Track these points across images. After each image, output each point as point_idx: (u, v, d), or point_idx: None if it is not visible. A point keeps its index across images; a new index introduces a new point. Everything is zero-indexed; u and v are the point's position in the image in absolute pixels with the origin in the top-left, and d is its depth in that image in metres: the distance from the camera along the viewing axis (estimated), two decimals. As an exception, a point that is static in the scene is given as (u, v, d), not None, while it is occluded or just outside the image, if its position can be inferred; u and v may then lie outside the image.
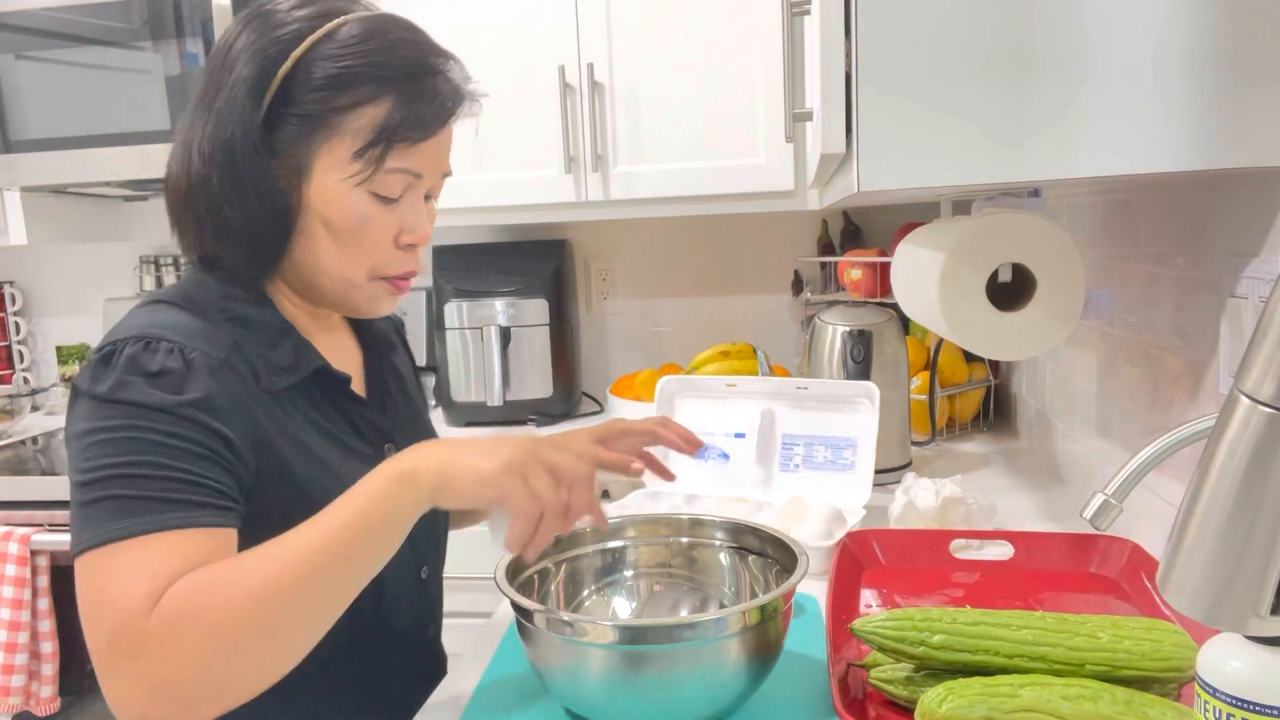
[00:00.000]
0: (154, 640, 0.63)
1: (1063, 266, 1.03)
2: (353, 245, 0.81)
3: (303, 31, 0.77)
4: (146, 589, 0.64)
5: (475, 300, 2.05)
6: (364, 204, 0.80)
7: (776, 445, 1.37)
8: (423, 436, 0.98)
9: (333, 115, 0.77)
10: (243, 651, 0.64)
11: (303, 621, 0.67)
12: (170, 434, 0.70)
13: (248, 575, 0.65)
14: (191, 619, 0.64)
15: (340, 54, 0.77)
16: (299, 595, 0.66)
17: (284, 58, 0.76)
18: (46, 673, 1.79)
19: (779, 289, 2.28)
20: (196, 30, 1.92)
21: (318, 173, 0.78)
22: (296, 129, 0.77)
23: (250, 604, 0.64)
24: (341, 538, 0.67)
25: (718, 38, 1.86)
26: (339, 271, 0.82)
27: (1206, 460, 0.48)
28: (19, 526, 1.77)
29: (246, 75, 0.77)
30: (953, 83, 0.77)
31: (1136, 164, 0.77)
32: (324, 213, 0.79)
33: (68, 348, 2.54)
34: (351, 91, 0.77)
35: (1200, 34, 0.74)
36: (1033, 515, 1.33)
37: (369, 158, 0.78)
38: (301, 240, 0.81)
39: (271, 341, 0.81)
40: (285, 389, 0.81)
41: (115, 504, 0.68)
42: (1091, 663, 0.72)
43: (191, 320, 0.77)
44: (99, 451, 0.69)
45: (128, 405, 0.70)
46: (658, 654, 0.71)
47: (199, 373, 0.73)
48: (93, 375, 0.72)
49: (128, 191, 2.30)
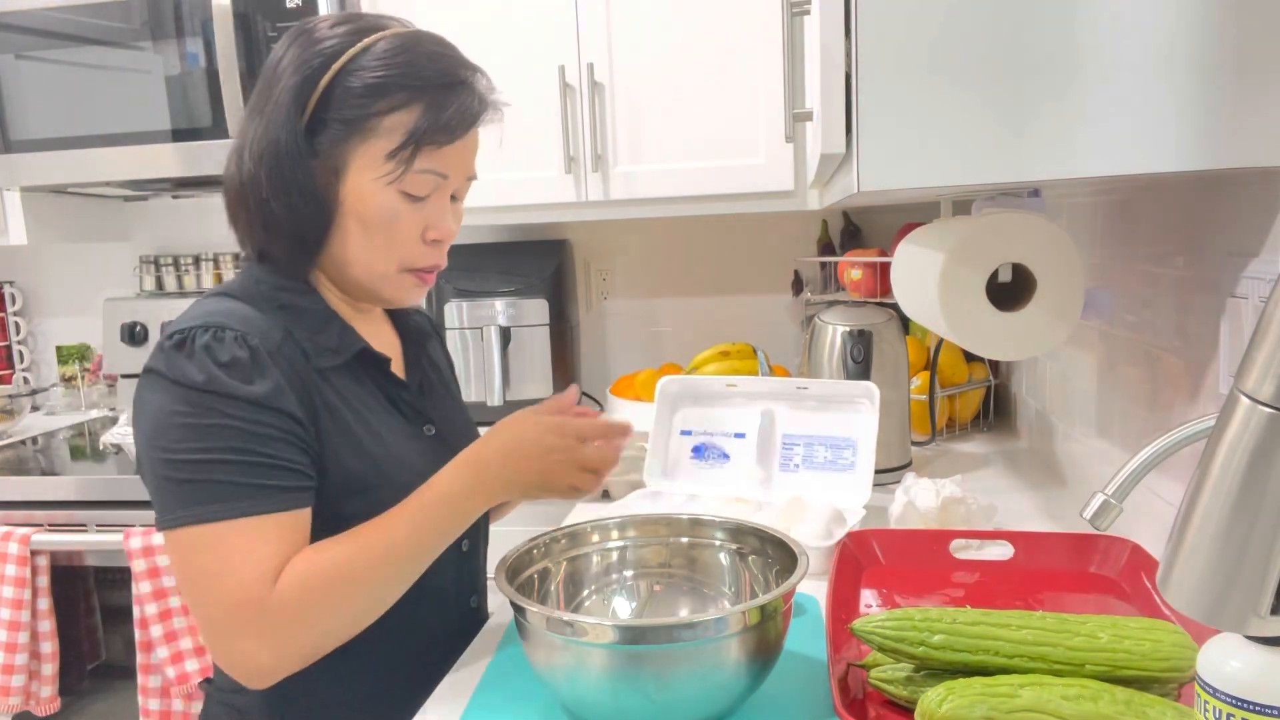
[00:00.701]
0: (278, 614, 0.77)
1: (1063, 266, 1.03)
2: (383, 239, 0.89)
3: (342, 46, 0.86)
4: (261, 569, 0.78)
5: (475, 300, 2.05)
6: (394, 201, 0.88)
7: (776, 445, 1.37)
8: (459, 423, 1.06)
9: (368, 120, 0.85)
10: (349, 619, 0.82)
11: (387, 592, 0.84)
12: (254, 420, 0.80)
13: (350, 560, 0.81)
14: (311, 598, 0.78)
15: (376, 65, 0.85)
16: (385, 575, 0.83)
17: (325, 69, 0.85)
18: (46, 673, 1.79)
19: (779, 289, 2.28)
20: (196, 30, 1.92)
21: (353, 172, 0.86)
22: (336, 133, 0.86)
23: (355, 583, 0.81)
24: (420, 530, 0.84)
25: (718, 38, 1.86)
26: (371, 263, 0.90)
27: (1206, 460, 0.48)
28: (19, 526, 1.77)
29: (291, 85, 0.85)
30: (953, 83, 0.77)
31: (1136, 164, 0.77)
32: (358, 209, 0.87)
33: (68, 348, 2.54)
34: (386, 99, 0.85)
35: (1200, 34, 0.74)
36: (1033, 515, 1.33)
37: (400, 159, 0.86)
38: (338, 235, 0.89)
39: (318, 326, 0.90)
40: (333, 368, 0.89)
41: (212, 488, 0.78)
42: (1091, 663, 0.72)
43: (247, 310, 0.86)
44: (188, 435, 0.78)
45: (211, 394, 0.79)
46: (658, 654, 0.71)
47: (263, 360, 0.82)
48: (169, 361, 0.80)
49: (128, 191, 2.30)
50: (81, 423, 2.33)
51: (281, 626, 0.78)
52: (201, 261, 2.43)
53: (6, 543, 1.75)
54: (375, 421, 0.91)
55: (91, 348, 2.55)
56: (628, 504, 1.33)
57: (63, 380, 2.52)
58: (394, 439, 0.92)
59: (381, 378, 0.95)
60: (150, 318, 2.37)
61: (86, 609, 1.89)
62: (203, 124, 1.94)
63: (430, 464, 0.94)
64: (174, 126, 1.96)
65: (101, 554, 1.79)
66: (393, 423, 0.94)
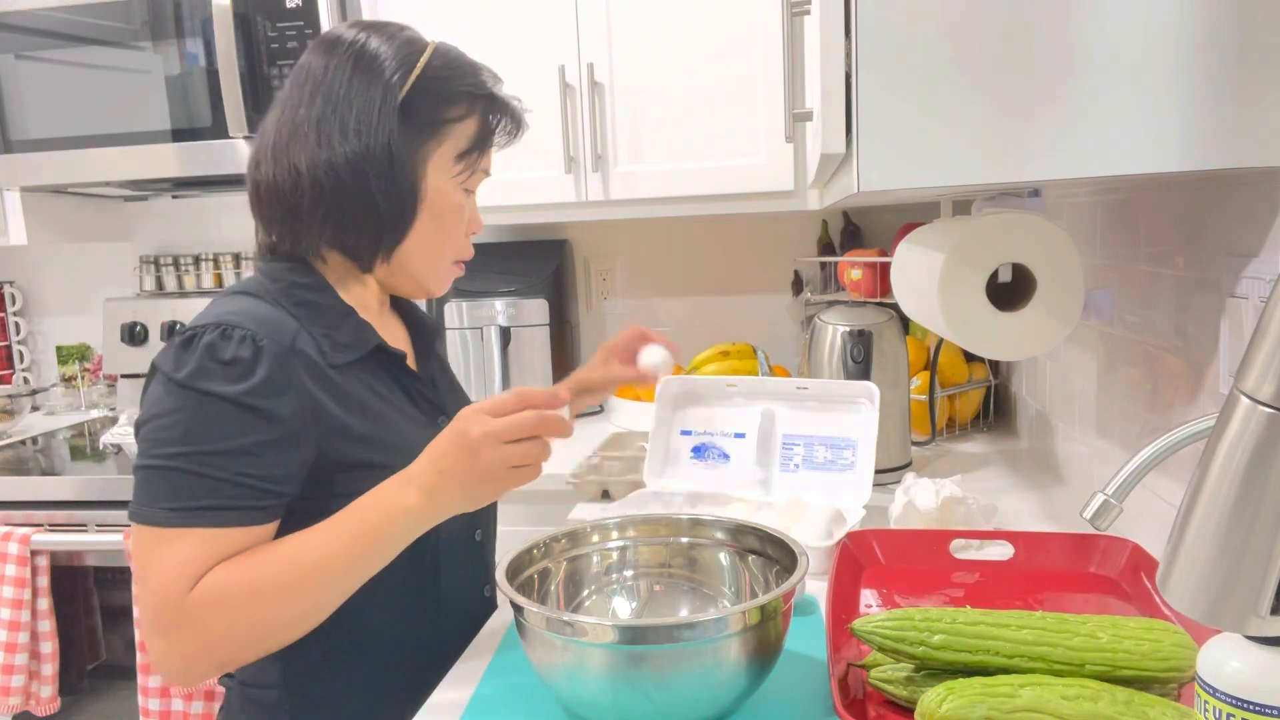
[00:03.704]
0: (190, 619, 0.78)
1: (1063, 266, 1.03)
2: (449, 232, 0.98)
3: (407, 59, 0.92)
4: (184, 574, 0.79)
5: (475, 300, 2.05)
6: (461, 198, 0.98)
7: (776, 445, 1.37)
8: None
9: (443, 126, 0.94)
10: (268, 631, 0.81)
11: (315, 606, 0.82)
12: (231, 425, 0.81)
13: (270, 573, 0.80)
14: (223, 609, 0.79)
15: (441, 76, 0.93)
16: (306, 593, 0.81)
17: (407, 78, 0.91)
18: (46, 673, 1.79)
19: (779, 289, 2.28)
20: (196, 30, 1.92)
21: (431, 173, 0.94)
22: (415, 136, 0.93)
23: (271, 599, 0.80)
24: (350, 550, 0.81)
25: (718, 38, 1.86)
26: (437, 255, 0.98)
27: (1206, 460, 0.48)
28: (19, 526, 1.77)
29: (375, 95, 0.90)
30: (953, 83, 0.77)
31: (1136, 164, 0.77)
32: (436, 205, 0.95)
33: (68, 348, 2.54)
34: (456, 106, 0.94)
35: (1200, 34, 0.74)
36: (1033, 515, 1.33)
37: (469, 161, 0.96)
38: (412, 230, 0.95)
39: (335, 323, 0.93)
40: (349, 364, 0.92)
41: (170, 489, 0.80)
42: (1091, 663, 0.72)
43: (265, 308, 0.89)
44: (166, 434, 0.81)
45: (197, 392, 0.81)
46: (658, 654, 0.71)
47: (265, 359, 0.83)
48: (174, 359, 0.83)
49: (128, 191, 2.30)
50: (81, 423, 2.33)
51: (192, 632, 0.79)
52: (201, 261, 2.43)
53: (6, 543, 1.75)
54: (390, 413, 0.94)
55: (91, 348, 2.55)
56: (628, 504, 1.33)
57: (63, 380, 2.52)
58: (410, 429, 0.95)
59: (398, 371, 0.98)
60: (150, 318, 2.37)
61: (86, 609, 1.89)
62: (203, 124, 1.94)
63: None
64: (174, 126, 1.96)
65: (101, 554, 1.79)
66: (409, 414, 0.97)
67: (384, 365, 0.97)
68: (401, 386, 0.98)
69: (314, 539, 0.81)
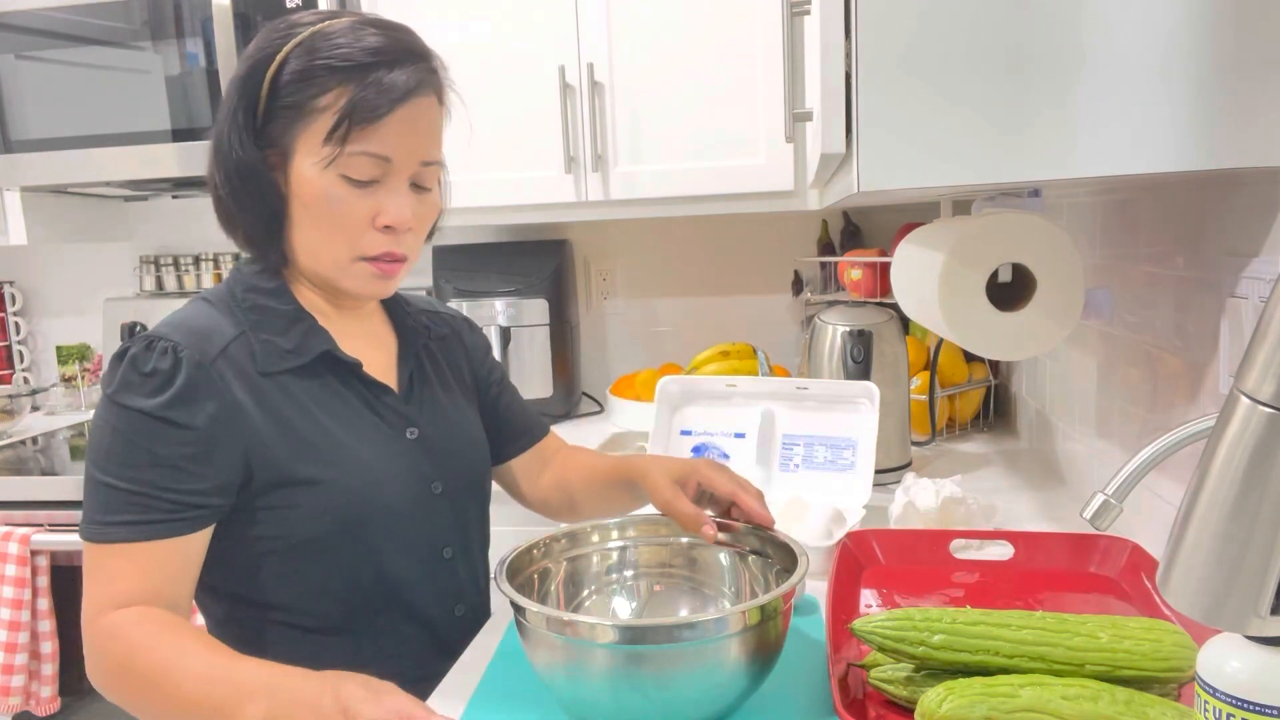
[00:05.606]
0: (95, 639, 0.81)
1: (1063, 266, 1.03)
2: (328, 226, 0.89)
3: (284, 38, 0.88)
4: (105, 593, 0.81)
5: (475, 300, 2.05)
6: (335, 186, 0.88)
7: (776, 445, 1.37)
8: (455, 426, 1.03)
9: (306, 105, 0.87)
10: (133, 702, 0.81)
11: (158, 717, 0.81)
12: (149, 438, 0.82)
13: (154, 663, 0.78)
14: (122, 650, 0.79)
15: (313, 52, 0.87)
16: (163, 706, 0.79)
17: (270, 60, 0.87)
18: (46, 673, 1.79)
19: (779, 289, 2.28)
20: (196, 30, 1.92)
21: (297, 158, 0.88)
22: (281, 121, 0.88)
23: (141, 684, 0.79)
24: (201, 707, 0.76)
25: (718, 38, 1.86)
26: (320, 252, 0.91)
27: (1206, 460, 0.48)
28: (19, 526, 1.77)
29: (238, 77, 0.89)
30: (953, 83, 0.77)
31: (1136, 164, 0.77)
32: (301, 194, 0.89)
33: (68, 348, 2.54)
34: (316, 83, 0.86)
35: (1201, 34, 0.74)
36: (1033, 515, 1.33)
37: (334, 140, 0.86)
38: (291, 225, 0.91)
39: (283, 328, 0.91)
40: (289, 371, 0.90)
41: (102, 503, 0.82)
42: (1091, 663, 0.72)
43: (208, 315, 0.90)
44: (96, 449, 0.83)
45: (118, 407, 0.83)
46: (658, 654, 0.71)
47: (184, 369, 0.84)
48: (109, 372, 0.85)
49: (128, 191, 2.30)
50: (81, 423, 2.33)
51: (93, 652, 0.82)
52: (201, 261, 2.43)
53: (6, 543, 1.75)
54: (332, 424, 0.91)
55: (91, 348, 2.55)
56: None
57: (63, 380, 2.52)
58: (356, 442, 0.91)
59: (353, 379, 0.94)
60: (150, 318, 2.37)
61: (86, 609, 1.89)
62: (203, 124, 1.94)
63: (411, 467, 0.95)
64: (174, 126, 1.96)
65: (101, 554, 1.79)
66: (362, 425, 0.93)
67: (336, 373, 0.93)
68: (360, 397, 0.94)
69: (200, 667, 0.76)
